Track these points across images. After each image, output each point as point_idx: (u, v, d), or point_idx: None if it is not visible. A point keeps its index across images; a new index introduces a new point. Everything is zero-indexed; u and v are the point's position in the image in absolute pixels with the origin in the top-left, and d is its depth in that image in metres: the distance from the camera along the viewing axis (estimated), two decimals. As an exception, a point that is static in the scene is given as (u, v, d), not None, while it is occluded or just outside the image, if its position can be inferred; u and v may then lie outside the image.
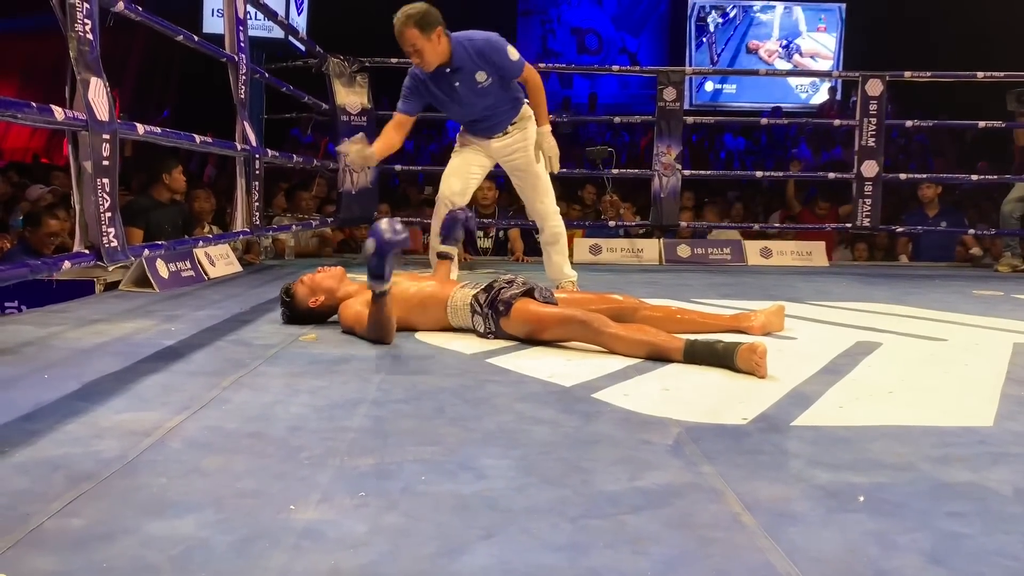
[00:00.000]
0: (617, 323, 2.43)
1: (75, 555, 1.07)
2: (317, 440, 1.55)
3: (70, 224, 4.51)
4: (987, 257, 5.99)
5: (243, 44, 3.92)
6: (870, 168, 5.56)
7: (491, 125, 3.56)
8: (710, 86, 15.07)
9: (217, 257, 4.24)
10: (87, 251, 2.33)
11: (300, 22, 8.41)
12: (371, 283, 2.40)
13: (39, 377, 2.02)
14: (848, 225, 5.75)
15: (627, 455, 1.50)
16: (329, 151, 6.45)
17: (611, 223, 5.90)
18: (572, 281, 3.69)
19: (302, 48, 5.89)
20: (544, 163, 3.53)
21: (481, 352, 2.40)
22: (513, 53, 3.36)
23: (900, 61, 6.53)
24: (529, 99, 3.54)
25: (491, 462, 1.45)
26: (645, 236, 6.03)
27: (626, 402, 1.87)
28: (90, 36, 2.30)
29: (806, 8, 14.83)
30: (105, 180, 2.36)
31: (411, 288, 2.69)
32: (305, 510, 1.22)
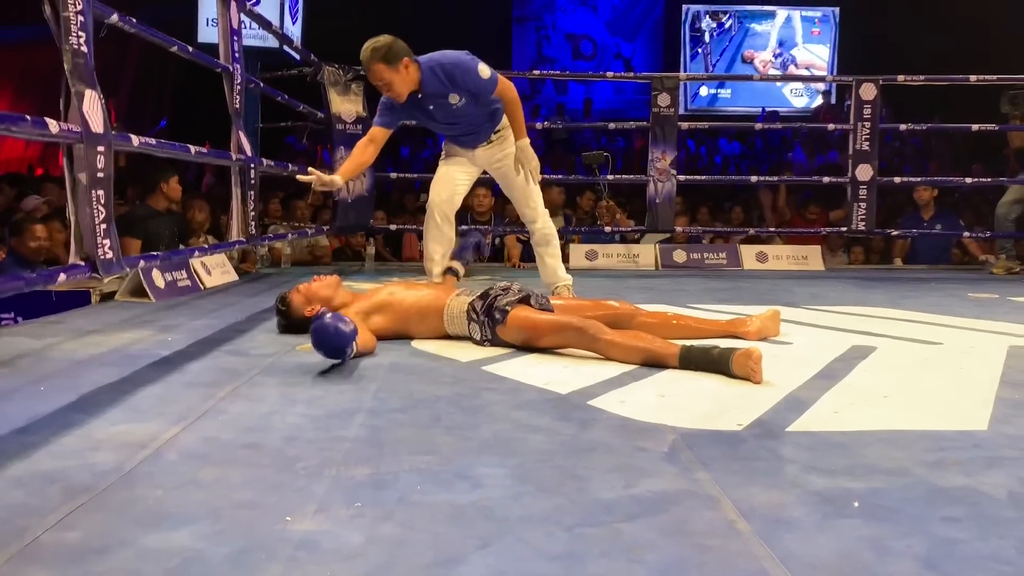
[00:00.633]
0: (613, 330, 2.43)
1: (71, 568, 1.08)
2: (313, 450, 1.55)
3: (66, 235, 4.51)
4: (987, 264, 5.98)
5: (237, 54, 3.93)
6: (864, 172, 5.57)
7: (473, 137, 3.57)
8: (705, 91, 15.12)
9: (213, 266, 4.24)
10: (82, 263, 2.33)
11: (295, 31, 8.39)
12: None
13: (35, 389, 2.02)
14: (844, 229, 5.76)
15: (623, 462, 1.51)
16: (324, 160, 6.45)
17: (607, 228, 5.91)
18: (568, 286, 3.69)
19: (297, 57, 5.89)
20: (524, 176, 3.53)
21: (477, 360, 2.40)
22: (484, 71, 3.33)
23: (894, 65, 6.53)
24: (506, 113, 3.53)
25: (487, 471, 1.45)
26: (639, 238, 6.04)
27: (622, 409, 1.88)
28: (84, 48, 2.30)
29: (801, 15, 14.86)
30: (100, 192, 2.36)
31: (408, 298, 2.69)
32: (301, 521, 1.23)
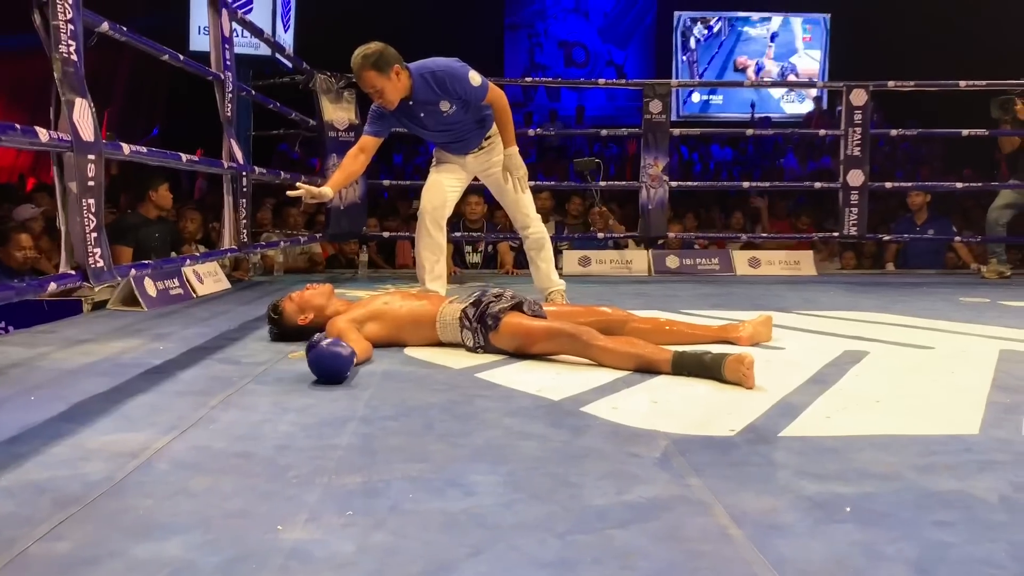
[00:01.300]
0: (606, 336, 2.43)
1: (60, 580, 1.07)
2: (305, 459, 1.55)
3: (51, 245, 4.49)
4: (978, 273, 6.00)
5: (229, 62, 3.93)
6: (856, 177, 5.60)
7: (463, 144, 3.57)
8: (697, 97, 15.17)
9: (205, 274, 4.23)
10: (73, 272, 2.32)
11: (287, 39, 8.38)
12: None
13: (25, 399, 2.01)
14: (835, 233, 5.78)
15: (615, 469, 1.51)
16: (316, 167, 6.45)
17: (600, 235, 5.91)
18: (561, 291, 3.70)
19: (289, 65, 5.89)
20: (513, 184, 3.53)
21: (470, 367, 2.40)
22: (475, 78, 3.33)
23: (885, 71, 6.56)
24: (495, 121, 3.53)
25: (479, 478, 1.45)
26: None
27: (614, 415, 1.88)
28: (74, 57, 2.30)
29: (793, 21, 14.93)
30: (91, 200, 2.36)
31: (402, 307, 2.69)
32: (292, 530, 1.22)
